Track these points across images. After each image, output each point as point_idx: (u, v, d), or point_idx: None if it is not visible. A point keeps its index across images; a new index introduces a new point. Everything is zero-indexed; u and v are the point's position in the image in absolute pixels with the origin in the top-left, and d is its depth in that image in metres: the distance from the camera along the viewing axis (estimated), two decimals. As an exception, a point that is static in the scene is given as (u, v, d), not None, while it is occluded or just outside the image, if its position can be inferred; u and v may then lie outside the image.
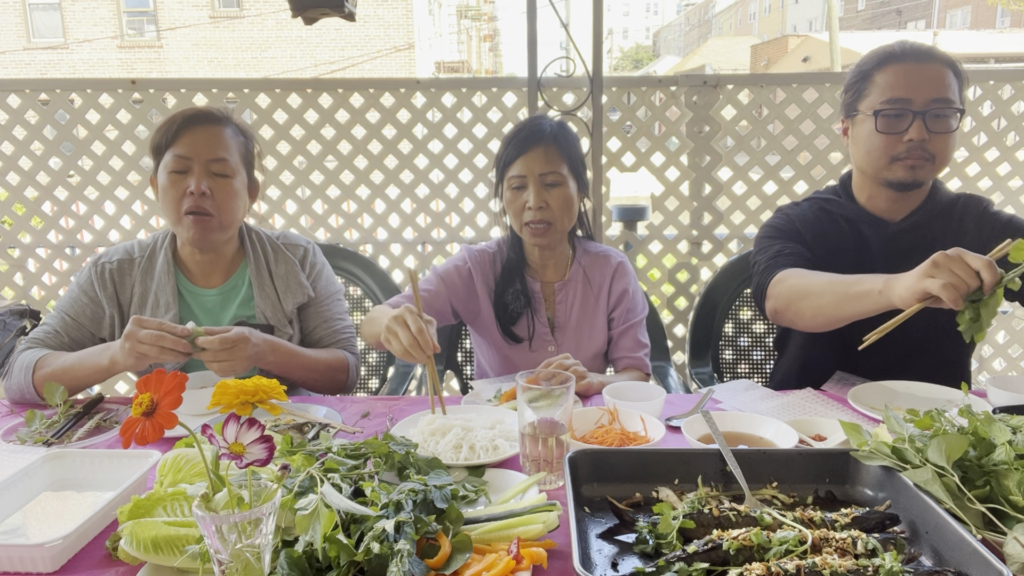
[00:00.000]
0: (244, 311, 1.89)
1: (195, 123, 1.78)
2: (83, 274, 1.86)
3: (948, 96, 1.68)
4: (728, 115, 2.95)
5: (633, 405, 1.44)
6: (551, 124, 1.89)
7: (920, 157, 1.70)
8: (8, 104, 2.90)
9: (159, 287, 1.84)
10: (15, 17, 18.67)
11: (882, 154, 1.73)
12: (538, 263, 2.00)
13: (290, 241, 1.98)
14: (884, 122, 1.71)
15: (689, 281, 3.10)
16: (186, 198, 1.75)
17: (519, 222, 1.88)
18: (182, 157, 1.75)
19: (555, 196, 1.84)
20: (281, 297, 1.89)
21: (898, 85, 1.70)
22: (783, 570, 0.87)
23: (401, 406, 1.63)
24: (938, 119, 1.69)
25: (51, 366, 1.67)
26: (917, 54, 1.71)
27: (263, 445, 0.81)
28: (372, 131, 2.97)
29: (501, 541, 0.99)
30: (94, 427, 1.50)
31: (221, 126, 1.81)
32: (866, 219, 1.84)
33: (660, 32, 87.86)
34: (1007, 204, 3.03)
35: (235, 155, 1.82)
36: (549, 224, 1.85)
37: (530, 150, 1.83)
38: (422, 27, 21.70)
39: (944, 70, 1.70)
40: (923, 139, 1.68)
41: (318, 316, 1.95)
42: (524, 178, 1.84)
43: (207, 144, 1.77)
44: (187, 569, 0.94)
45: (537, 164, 1.83)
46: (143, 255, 1.88)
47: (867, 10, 41.62)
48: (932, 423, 1.13)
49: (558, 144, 1.85)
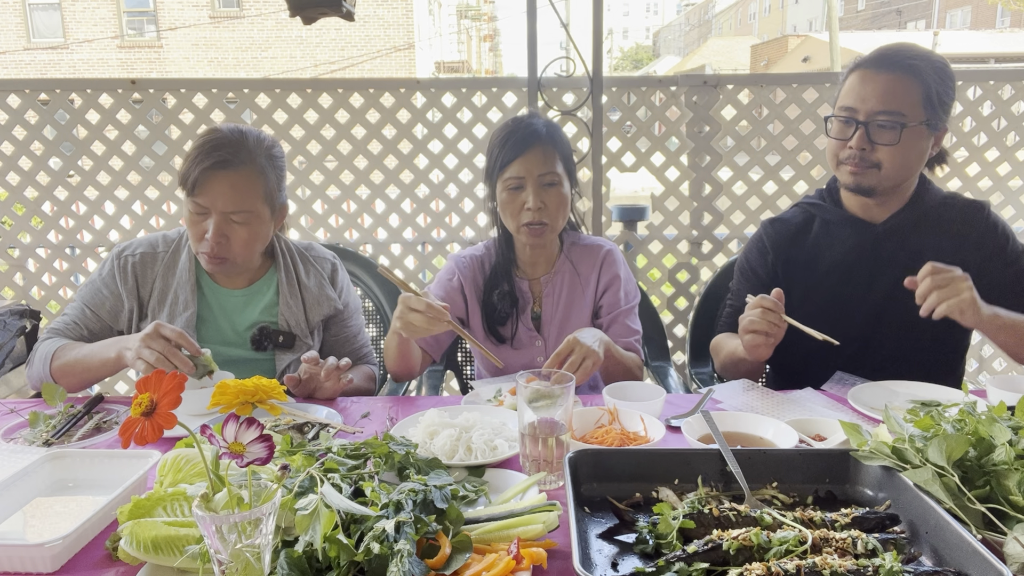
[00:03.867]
0: (267, 317, 1.88)
1: (216, 169, 1.69)
2: (105, 266, 1.86)
3: (896, 108, 1.68)
4: (728, 115, 2.95)
5: (633, 405, 1.44)
6: (544, 123, 1.89)
7: (861, 165, 1.73)
8: (8, 104, 2.90)
9: (179, 284, 1.84)
10: (15, 17, 18.67)
11: (832, 157, 1.80)
12: (528, 261, 2.00)
13: (319, 254, 1.98)
14: (834, 127, 1.77)
15: (689, 281, 3.10)
16: (203, 242, 1.74)
17: (516, 223, 1.87)
18: (201, 205, 1.72)
19: (552, 196, 1.85)
20: (308, 308, 1.89)
21: (851, 93, 1.74)
22: (783, 570, 0.87)
23: (401, 406, 1.63)
24: (882, 130, 1.70)
25: (66, 357, 1.71)
26: (880, 62, 1.71)
27: (263, 444, 0.81)
28: (372, 131, 2.97)
29: (501, 541, 0.99)
30: (93, 427, 1.50)
31: (246, 169, 1.73)
32: (849, 221, 1.86)
33: (660, 32, 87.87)
34: (1007, 204, 3.03)
35: (258, 198, 1.75)
36: (546, 224, 1.85)
37: (527, 151, 1.82)
38: (422, 27, 21.71)
39: (904, 80, 1.69)
40: (863, 148, 1.71)
41: (345, 330, 1.98)
42: (522, 179, 1.83)
43: (225, 196, 1.71)
44: (187, 569, 0.94)
45: (535, 165, 1.83)
46: (167, 250, 1.87)
47: (867, 10, 41.63)
48: (932, 423, 1.13)
49: (554, 143, 1.86)
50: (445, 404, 1.59)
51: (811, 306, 1.65)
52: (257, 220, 1.76)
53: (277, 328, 1.87)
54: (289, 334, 1.86)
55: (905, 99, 1.69)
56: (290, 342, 1.86)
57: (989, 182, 3.02)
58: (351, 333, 1.99)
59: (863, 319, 1.83)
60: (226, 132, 1.75)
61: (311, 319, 1.90)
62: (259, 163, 1.75)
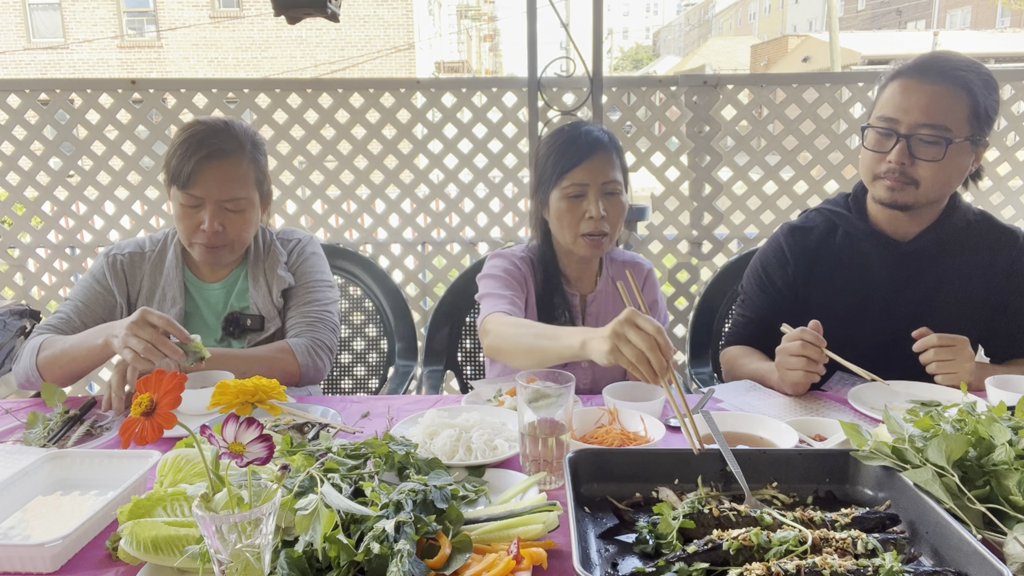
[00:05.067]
0: (240, 302, 1.92)
1: (210, 159, 1.73)
2: (96, 265, 1.90)
3: (941, 122, 1.58)
4: (728, 115, 2.95)
5: (633, 405, 1.44)
6: (605, 132, 1.83)
7: (899, 181, 1.63)
8: (8, 104, 2.90)
9: (167, 282, 1.88)
10: (15, 17, 18.66)
11: (867, 170, 1.71)
12: (575, 275, 1.94)
13: (286, 236, 2.00)
14: (872, 139, 1.67)
15: (689, 281, 3.10)
16: (199, 232, 1.76)
17: (574, 232, 1.79)
18: (195, 196, 1.74)
19: (614, 205, 1.80)
20: (271, 288, 1.91)
21: (892, 103, 1.63)
22: (783, 570, 0.87)
23: (401, 406, 1.63)
24: (925, 145, 1.60)
25: (52, 349, 1.70)
26: (926, 71, 1.61)
27: (262, 444, 0.81)
28: (372, 131, 2.97)
29: (501, 541, 0.99)
30: (84, 433, 1.48)
31: (236, 157, 1.77)
32: (873, 237, 1.78)
33: (660, 32, 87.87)
34: (1007, 204, 3.03)
35: (250, 185, 1.80)
36: (606, 235, 1.80)
37: (592, 157, 1.77)
38: (422, 27, 21.70)
39: (952, 93, 1.58)
40: (903, 163, 1.62)
41: (296, 302, 1.91)
42: (586, 186, 1.76)
43: (220, 185, 1.74)
44: (187, 569, 0.94)
45: (600, 173, 1.77)
46: (154, 249, 1.92)
47: (867, 10, 41.62)
48: (932, 423, 1.13)
49: (616, 151, 1.81)
50: (445, 404, 1.59)
51: (827, 321, 1.60)
52: (251, 206, 1.81)
53: (246, 312, 1.89)
54: (257, 316, 1.88)
55: (951, 113, 1.58)
56: (258, 324, 1.88)
57: (989, 182, 3.02)
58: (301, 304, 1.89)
59: (880, 338, 1.78)
60: (211, 122, 1.78)
61: (275, 298, 1.90)
62: (248, 150, 1.80)
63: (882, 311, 1.78)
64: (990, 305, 1.77)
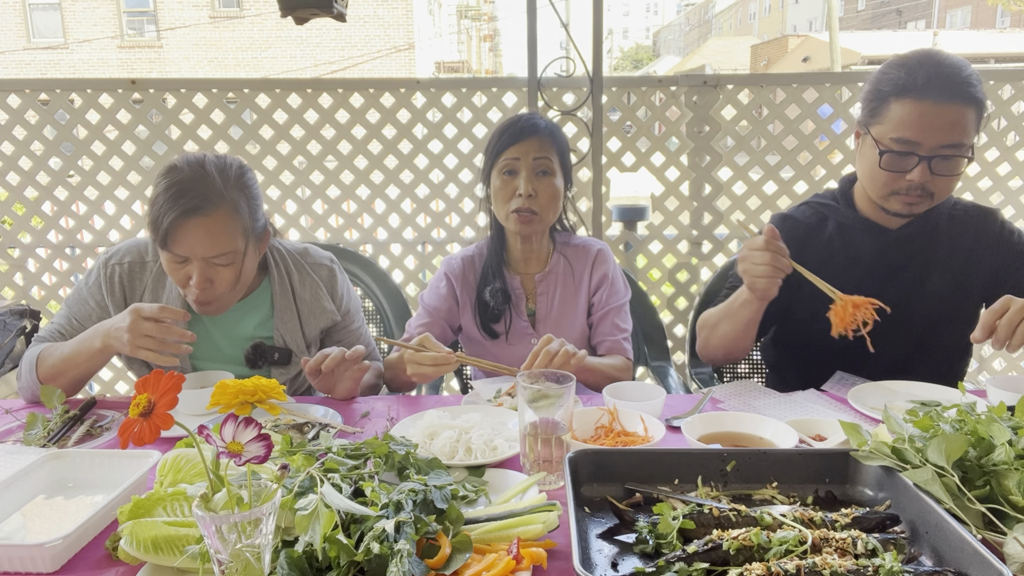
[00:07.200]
0: (261, 332, 1.82)
1: (187, 217, 1.57)
2: (91, 275, 1.80)
3: (961, 140, 1.61)
4: (728, 115, 2.95)
5: (633, 405, 1.44)
6: (544, 120, 1.93)
7: (919, 195, 1.67)
8: (8, 104, 2.90)
9: (170, 297, 1.77)
10: (15, 17, 18.67)
11: (882, 187, 1.71)
12: (519, 257, 2.01)
13: (315, 260, 1.90)
14: (889, 160, 1.66)
15: (689, 281, 3.10)
16: (188, 289, 1.66)
17: (506, 209, 1.88)
18: (179, 255, 1.62)
19: (544, 185, 1.86)
20: (303, 321, 1.84)
21: (910, 125, 1.61)
22: (783, 570, 0.87)
23: (401, 406, 1.63)
24: (945, 161, 1.63)
25: (50, 359, 1.66)
26: (939, 90, 1.59)
27: (260, 443, 0.81)
28: (372, 131, 2.97)
29: (501, 541, 0.99)
30: (84, 433, 1.48)
31: (217, 211, 1.60)
32: (863, 225, 1.82)
33: (660, 32, 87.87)
34: (1007, 204, 3.03)
35: (236, 236, 1.64)
36: (536, 214, 1.86)
37: (526, 139, 1.86)
38: (422, 27, 21.70)
39: (965, 110, 1.60)
40: (925, 181, 1.64)
41: (348, 335, 1.92)
42: (517, 161, 1.85)
43: (203, 244, 1.60)
44: (187, 569, 0.94)
45: (532, 150, 1.85)
46: (155, 259, 1.79)
47: (867, 10, 41.62)
48: (932, 423, 1.13)
49: (552, 137, 1.89)
50: (445, 404, 1.59)
51: (820, 307, 1.62)
52: (238, 258, 1.67)
53: (272, 344, 1.81)
54: (285, 350, 1.81)
55: (967, 129, 1.62)
56: (286, 358, 1.81)
57: (989, 182, 3.01)
58: (354, 338, 1.93)
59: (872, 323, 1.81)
60: (187, 172, 1.61)
61: (307, 332, 1.84)
62: (230, 199, 1.62)
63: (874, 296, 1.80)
64: (983, 283, 1.79)
